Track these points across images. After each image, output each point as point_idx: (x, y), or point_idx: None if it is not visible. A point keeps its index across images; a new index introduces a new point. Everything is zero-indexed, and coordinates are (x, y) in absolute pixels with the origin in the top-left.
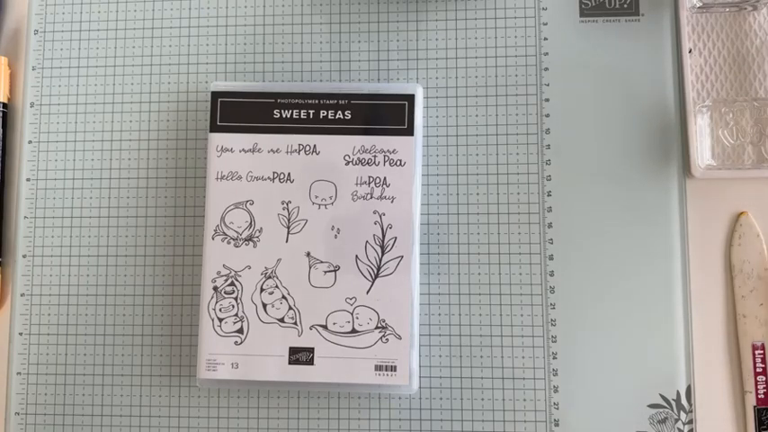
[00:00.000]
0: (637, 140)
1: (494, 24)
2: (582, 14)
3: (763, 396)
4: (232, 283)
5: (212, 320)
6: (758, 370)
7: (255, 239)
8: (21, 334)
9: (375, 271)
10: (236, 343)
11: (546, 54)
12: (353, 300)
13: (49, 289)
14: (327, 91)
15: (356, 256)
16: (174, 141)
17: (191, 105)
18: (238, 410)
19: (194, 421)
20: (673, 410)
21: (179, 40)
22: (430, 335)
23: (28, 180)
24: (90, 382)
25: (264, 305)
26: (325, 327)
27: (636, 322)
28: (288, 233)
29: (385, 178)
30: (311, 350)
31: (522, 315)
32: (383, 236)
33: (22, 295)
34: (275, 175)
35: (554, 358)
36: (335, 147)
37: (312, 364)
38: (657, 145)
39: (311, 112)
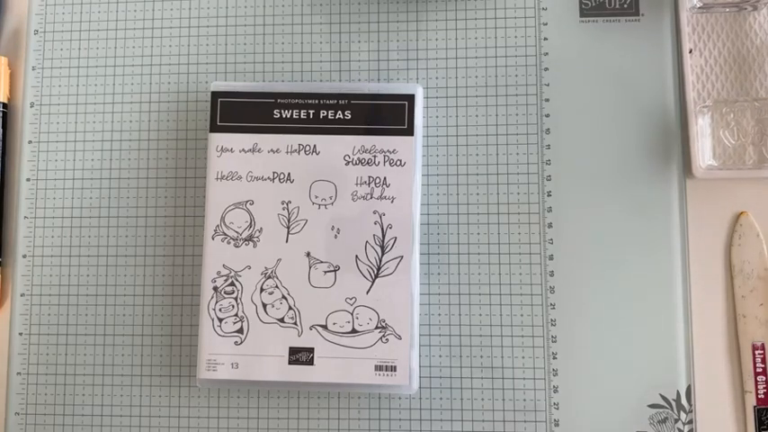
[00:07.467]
0: (637, 141)
1: (494, 24)
2: (582, 14)
3: (763, 396)
4: (232, 283)
5: (212, 320)
6: (758, 370)
7: (255, 239)
8: (21, 334)
9: (375, 271)
10: (236, 343)
11: (546, 54)
12: (353, 300)
13: (49, 289)
14: (327, 91)
15: (356, 256)
16: (174, 141)
17: (191, 105)
18: (238, 410)
19: (194, 421)
20: (673, 410)
21: (179, 40)
22: (430, 335)
23: (28, 180)
24: (90, 382)
25: (264, 305)
26: (325, 327)
27: (636, 322)
28: (288, 233)
29: (385, 178)
30: (311, 350)
31: (522, 315)
32: (383, 236)
33: (22, 295)
34: (275, 175)
35: (554, 358)
36: (335, 147)
37: (312, 364)
38: (658, 145)
39: (311, 112)
